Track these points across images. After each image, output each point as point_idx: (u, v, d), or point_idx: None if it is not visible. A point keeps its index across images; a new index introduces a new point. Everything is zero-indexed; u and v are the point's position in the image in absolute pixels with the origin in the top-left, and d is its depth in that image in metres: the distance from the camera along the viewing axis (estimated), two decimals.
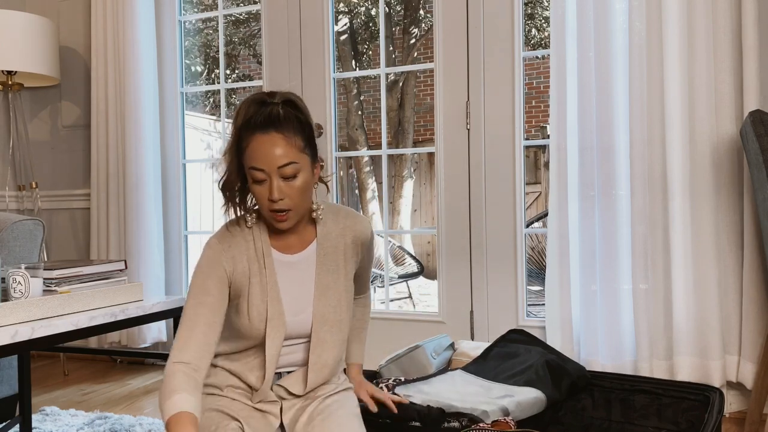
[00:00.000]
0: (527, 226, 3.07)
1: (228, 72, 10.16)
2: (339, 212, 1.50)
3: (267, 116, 1.33)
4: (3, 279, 1.59)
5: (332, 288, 1.45)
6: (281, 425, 1.44)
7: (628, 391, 2.12)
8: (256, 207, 1.45)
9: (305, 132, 1.36)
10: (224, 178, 1.40)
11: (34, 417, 2.45)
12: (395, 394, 1.96)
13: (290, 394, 1.45)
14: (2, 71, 3.14)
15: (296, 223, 1.43)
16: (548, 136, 2.59)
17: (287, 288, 1.43)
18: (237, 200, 1.42)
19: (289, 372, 1.48)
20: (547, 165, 7.51)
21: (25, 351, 1.51)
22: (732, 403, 2.41)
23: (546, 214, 3.02)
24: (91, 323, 1.62)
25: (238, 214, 1.44)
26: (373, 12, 8.96)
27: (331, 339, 1.44)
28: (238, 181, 1.40)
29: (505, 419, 1.78)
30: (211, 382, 1.46)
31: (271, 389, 1.45)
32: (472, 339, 2.80)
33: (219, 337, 1.40)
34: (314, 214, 1.45)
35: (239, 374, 1.45)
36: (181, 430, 1.19)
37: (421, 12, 9.04)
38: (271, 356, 1.40)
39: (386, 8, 8.98)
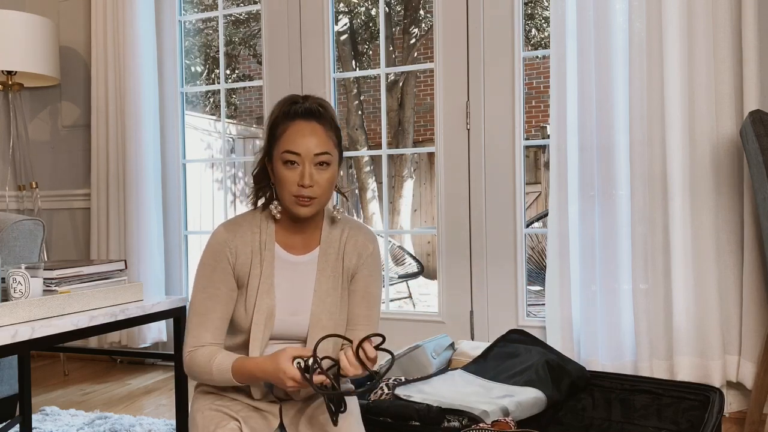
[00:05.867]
0: (527, 226, 3.07)
1: (228, 72, 10.16)
2: (348, 223, 1.51)
3: (308, 108, 1.40)
4: (3, 279, 1.59)
5: (331, 295, 1.45)
6: (281, 425, 1.44)
7: (628, 391, 2.12)
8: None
9: (337, 132, 1.42)
10: (256, 170, 1.47)
11: (34, 417, 2.45)
12: (395, 394, 1.97)
13: (289, 396, 1.45)
14: (2, 71, 3.14)
15: (305, 224, 1.44)
16: (548, 136, 2.59)
17: (285, 286, 1.44)
18: (262, 192, 1.47)
19: None
20: (547, 165, 7.51)
21: (25, 351, 1.51)
22: (732, 403, 2.41)
23: (546, 214, 3.02)
24: (91, 323, 1.61)
25: (258, 204, 1.48)
26: (373, 12, 8.96)
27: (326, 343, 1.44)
28: (264, 174, 1.45)
29: (505, 419, 1.78)
30: None
31: (272, 392, 1.45)
32: (472, 339, 2.80)
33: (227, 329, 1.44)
34: (338, 216, 1.47)
35: None
36: (246, 362, 1.34)
37: (421, 12, 9.03)
38: (254, 346, 1.40)
39: (386, 8, 8.98)
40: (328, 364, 1.31)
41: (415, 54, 9.03)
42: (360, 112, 8.93)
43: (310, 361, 1.26)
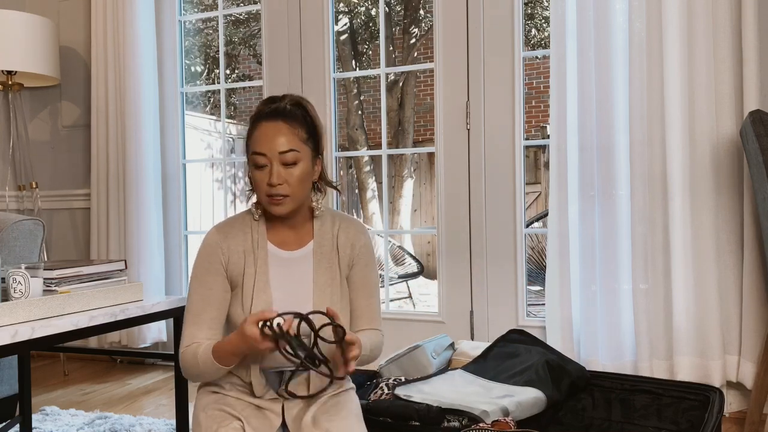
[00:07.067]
0: (527, 226, 3.07)
1: (228, 72, 10.16)
2: (336, 215, 1.54)
3: (274, 109, 1.42)
4: (3, 279, 1.59)
5: (330, 286, 1.47)
6: (283, 424, 1.44)
7: (628, 391, 2.12)
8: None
9: (308, 125, 1.43)
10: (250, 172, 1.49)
11: (34, 417, 2.45)
12: (395, 394, 1.97)
13: (294, 395, 1.45)
14: (2, 71, 3.14)
15: (294, 220, 1.47)
16: (548, 136, 2.59)
17: (281, 283, 1.45)
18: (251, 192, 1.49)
19: (290, 371, 1.48)
20: (547, 165, 7.51)
21: (25, 351, 1.51)
22: (732, 403, 2.41)
23: (546, 214, 3.02)
24: (91, 323, 1.61)
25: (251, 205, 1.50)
26: (373, 12, 8.96)
27: (328, 337, 1.44)
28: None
29: (505, 419, 1.78)
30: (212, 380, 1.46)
31: (276, 391, 1.46)
32: (472, 339, 2.80)
33: (223, 329, 1.45)
34: (316, 211, 1.49)
35: (237, 371, 1.45)
36: (222, 341, 1.35)
37: (421, 12, 9.04)
38: None
39: (386, 8, 8.98)
40: (298, 324, 1.30)
41: (415, 54, 9.03)
42: (360, 112, 8.93)
43: (275, 321, 1.26)
